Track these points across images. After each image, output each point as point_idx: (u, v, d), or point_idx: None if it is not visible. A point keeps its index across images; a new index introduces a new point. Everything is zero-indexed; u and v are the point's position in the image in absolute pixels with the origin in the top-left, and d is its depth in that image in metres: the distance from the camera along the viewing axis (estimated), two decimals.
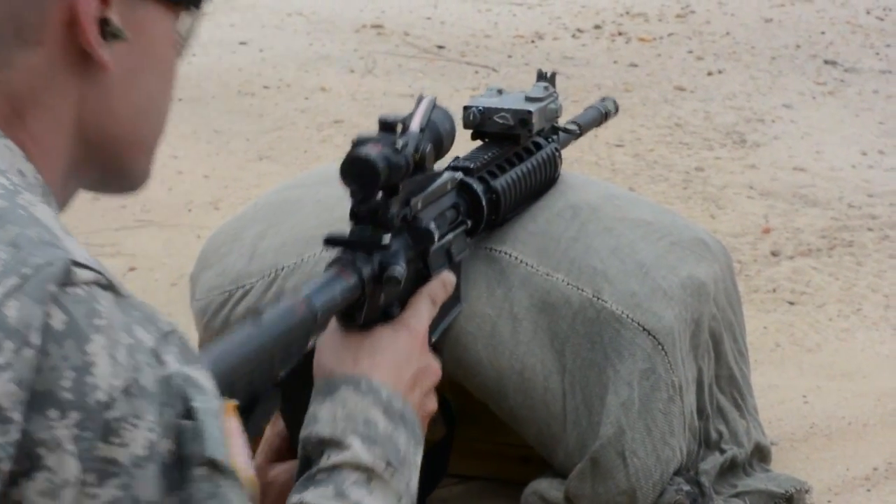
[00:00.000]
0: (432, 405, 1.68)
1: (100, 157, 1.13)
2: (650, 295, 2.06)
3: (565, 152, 2.20)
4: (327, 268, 1.62)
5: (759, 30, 5.16)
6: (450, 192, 1.83)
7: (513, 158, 2.05)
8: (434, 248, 1.74)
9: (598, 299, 2.04)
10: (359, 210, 1.65)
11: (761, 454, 2.28)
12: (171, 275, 3.09)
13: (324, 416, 1.54)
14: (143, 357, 0.99)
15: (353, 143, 1.64)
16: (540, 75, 2.18)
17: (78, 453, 0.95)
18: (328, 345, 1.60)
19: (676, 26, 5.20)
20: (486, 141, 2.06)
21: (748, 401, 2.28)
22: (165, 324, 1.03)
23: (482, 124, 2.05)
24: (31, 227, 1.00)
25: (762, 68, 4.71)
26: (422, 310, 1.70)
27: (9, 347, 0.95)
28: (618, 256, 2.09)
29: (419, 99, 1.72)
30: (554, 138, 2.15)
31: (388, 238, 1.64)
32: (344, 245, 1.64)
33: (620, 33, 5.10)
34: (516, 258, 2.06)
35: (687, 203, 3.56)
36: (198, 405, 1.00)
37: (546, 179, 2.14)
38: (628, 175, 3.74)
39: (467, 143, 2.06)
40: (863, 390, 2.67)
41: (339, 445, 1.51)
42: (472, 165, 1.95)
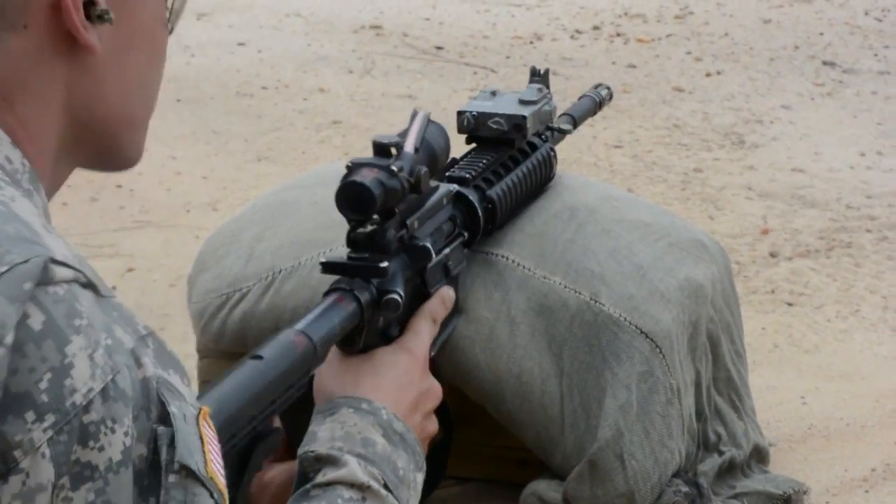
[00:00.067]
0: (433, 427, 1.68)
1: (91, 138, 1.12)
2: (648, 297, 2.06)
3: (562, 153, 2.20)
4: (325, 294, 1.62)
5: (758, 31, 5.16)
6: (446, 206, 1.83)
7: (508, 163, 2.05)
8: (431, 264, 1.74)
9: (596, 302, 2.04)
10: (355, 236, 1.65)
11: (759, 455, 2.28)
12: (169, 276, 3.09)
13: (322, 435, 1.54)
14: (122, 358, 0.97)
15: (347, 168, 1.63)
16: (533, 73, 2.17)
17: (53, 457, 0.94)
18: (328, 369, 1.60)
19: (675, 27, 5.19)
20: (480, 145, 2.06)
21: (746, 402, 2.28)
22: (143, 326, 1.01)
23: (476, 129, 2.05)
24: (9, 224, 0.98)
25: (761, 69, 4.71)
26: (422, 331, 1.70)
27: None
28: (615, 258, 2.09)
29: (413, 115, 1.71)
30: (547, 136, 2.15)
31: (386, 263, 1.63)
32: (342, 271, 1.64)
33: (619, 34, 5.09)
34: (513, 261, 2.06)
35: (685, 204, 3.56)
36: (174, 410, 0.99)
37: (542, 180, 2.14)
38: (627, 176, 3.74)
39: (461, 147, 2.06)
40: (861, 391, 2.67)
41: (335, 463, 1.51)
42: (467, 175, 1.95)
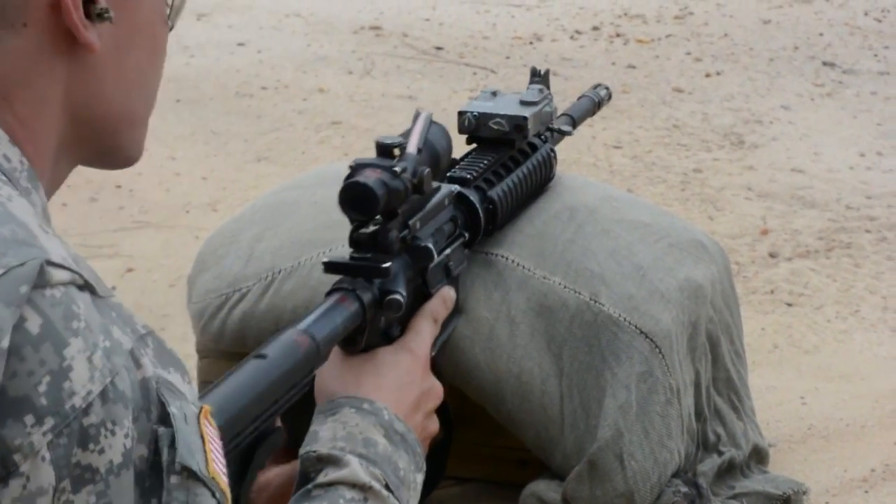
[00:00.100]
0: (434, 427, 1.68)
1: (91, 135, 1.11)
2: (647, 298, 2.06)
3: (562, 153, 2.20)
4: (328, 294, 1.62)
5: (758, 31, 5.16)
6: (447, 206, 1.83)
7: (508, 163, 2.05)
8: (433, 265, 1.74)
9: (596, 302, 2.04)
10: (358, 236, 1.65)
11: (759, 456, 2.28)
12: (168, 276, 3.09)
13: (324, 435, 1.54)
14: (121, 360, 0.97)
15: (350, 169, 1.64)
16: (534, 73, 2.17)
17: (53, 460, 0.93)
18: (330, 369, 1.59)
19: (674, 28, 5.19)
20: (481, 145, 2.06)
21: (745, 403, 2.28)
22: (142, 326, 1.01)
23: (477, 130, 2.05)
24: (5, 225, 0.98)
25: (760, 70, 4.71)
26: (423, 331, 1.70)
27: None
28: (615, 259, 2.09)
29: (416, 115, 1.72)
30: (547, 136, 2.15)
31: (388, 263, 1.63)
32: (344, 271, 1.64)
33: (618, 35, 5.09)
34: (513, 261, 2.06)
35: (685, 204, 3.56)
36: (174, 411, 0.99)
37: (542, 181, 2.14)
38: (626, 177, 3.74)
39: (462, 148, 2.06)
40: (861, 392, 2.67)
41: (336, 463, 1.51)
42: (468, 176, 1.95)
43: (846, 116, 4.28)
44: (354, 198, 1.61)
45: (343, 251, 1.70)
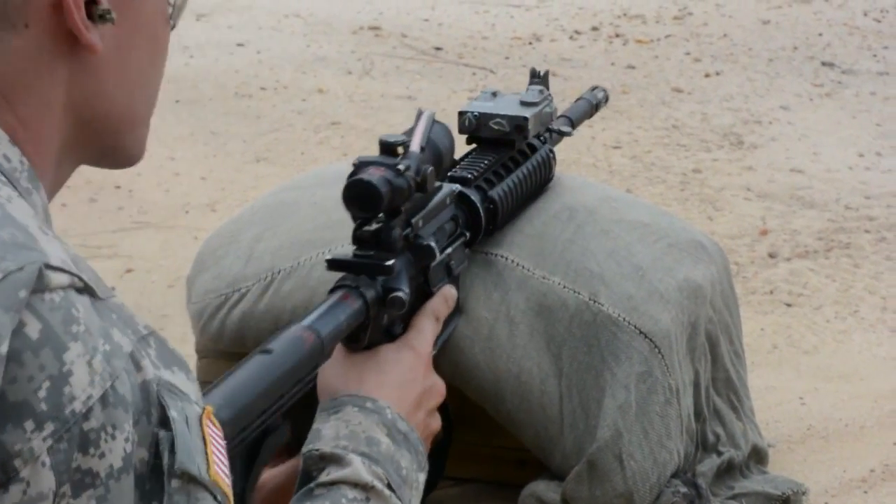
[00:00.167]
0: (436, 424, 1.67)
1: (94, 136, 1.11)
2: (647, 298, 2.06)
3: (561, 154, 2.20)
4: (331, 292, 1.62)
5: (757, 31, 5.16)
6: (448, 205, 1.83)
7: (508, 164, 2.05)
8: (434, 263, 1.75)
9: (595, 302, 2.04)
10: (361, 233, 1.65)
11: (758, 456, 2.28)
12: (167, 277, 3.09)
13: (327, 434, 1.53)
14: (121, 363, 0.97)
15: (354, 166, 1.64)
16: (533, 74, 2.17)
17: (54, 465, 0.93)
18: (332, 366, 1.59)
19: (674, 28, 5.19)
20: (481, 146, 2.06)
21: (745, 403, 2.28)
22: (143, 326, 1.01)
23: (477, 130, 2.05)
24: (3, 228, 0.97)
25: (759, 70, 4.71)
26: (425, 329, 1.70)
27: None
28: (614, 259, 2.09)
29: (418, 114, 1.72)
30: (546, 137, 2.15)
31: (391, 261, 1.64)
32: (347, 269, 1.64)
33: (618, 35, 5.09)
34: (513, 261, 2.06)
35: (684, 205, 3.56)
36: (174, 414, 0.98)
37: (541, 182, 2.14)
38: (626, 177, 3.74)
39: (462, 148, 2.06)
40: (860, 392, 2.67)
41: (339, 462, 1.51)
42: (469, 175, 1.95)
43: (845, 117, 4.28)
44: (358, 195, 1.61)
45: (343, 250, 1.70)
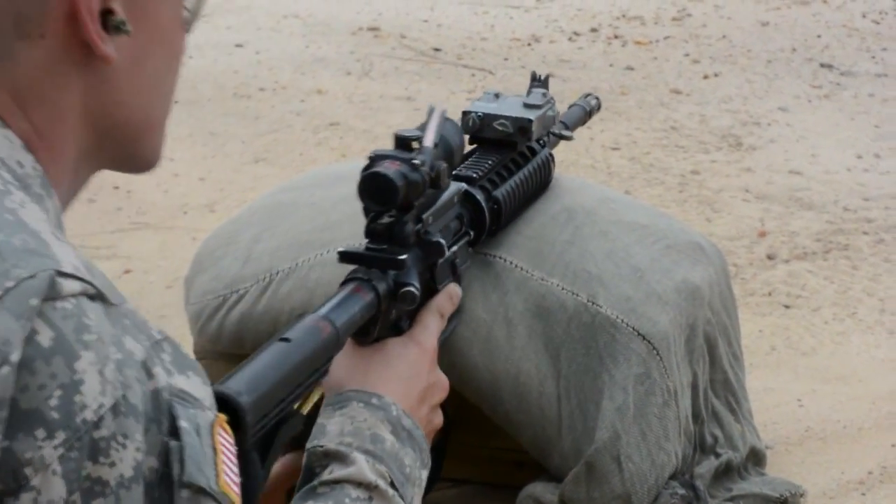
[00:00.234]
0: (439, 420, 1.68)
1: (111, 143, 1.11)
2: (645, 299, 2.06)
3: (560, 155, 2.21)
4: (343, 284, 1.63)
5: (756, 33, 5.17)
6: (455, 204, 1.84)
7: (510, 165, 2.05)
8: (441, 260, 1.75)
9: (593, 304, 2.04)
10: (374, 227, 1.66)
11: (756, 458, 2.28)
12: (166, 277, 3.09)
13: (331, 430, 1.53)
14: (133, 372, 0.97)
15: (369, 159, 1.64)
16: (534, 78, 2.17)
17: (64, 474, 0.93)
18: (339, 358, 1.59)
19: (672, 29, 5.20)
20: (483, 146, 2.07)
21: (743, 405, 2.28)
22: (157, 331, 1.01)
23: (481, 130, 2.05)
24: (16, 234, 0.97)
25: (758, 71, 4.71)
26: (431, 325, 1.70)
27: None
28: (613, 260, 2.09)
29: (430, 110, 1.72)
30: (545, 140, 2.15)
31: (404, 255, 1.64)
32: (359, 261, 1.65)
33: (617, 36, 5.10)
34: (511, 263, 2.06)
35: (683, 206, 3.56)
36: (184, 424, 0.98)
37: (541, 184, 2.14)
38: (624, 178, 3.74)
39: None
40: (858, 394, 2.67)
41: (343, 460, 1.50)
42: (474, 175, 1.95)
43: (844, 118, 4.28)
44: (375, 188, 1.62)
45: (355, 242, 1.71)
